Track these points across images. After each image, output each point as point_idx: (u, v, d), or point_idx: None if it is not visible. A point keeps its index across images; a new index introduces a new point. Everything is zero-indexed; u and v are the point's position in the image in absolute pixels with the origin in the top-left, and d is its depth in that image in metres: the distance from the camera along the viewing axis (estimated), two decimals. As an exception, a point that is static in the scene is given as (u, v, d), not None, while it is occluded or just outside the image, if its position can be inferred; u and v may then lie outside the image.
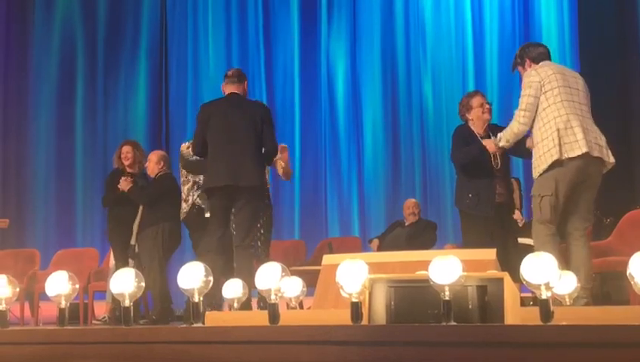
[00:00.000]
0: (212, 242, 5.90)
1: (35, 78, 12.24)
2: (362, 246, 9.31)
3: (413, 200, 8.73)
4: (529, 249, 5.53)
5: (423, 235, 8.34)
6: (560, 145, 4.99)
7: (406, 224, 8.48)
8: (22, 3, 12.40)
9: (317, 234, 11.15)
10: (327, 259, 4.25)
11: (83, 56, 12.37)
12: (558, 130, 5.02)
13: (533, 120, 5.18)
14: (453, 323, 2.67)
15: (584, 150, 5.00)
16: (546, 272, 2.68)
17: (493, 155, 5.88)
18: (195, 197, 6.85)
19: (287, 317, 3.08)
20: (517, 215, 7.18)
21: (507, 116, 10.53)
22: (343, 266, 2.94)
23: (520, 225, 7.09)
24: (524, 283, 2.73)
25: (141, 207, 7.24)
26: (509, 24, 11.37)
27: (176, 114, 12.18)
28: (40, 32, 12.31)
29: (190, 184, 6.93)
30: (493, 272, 3.09)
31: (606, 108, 10.04)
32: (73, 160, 12.23)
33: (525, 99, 5.15)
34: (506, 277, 2.88)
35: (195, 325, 3.07)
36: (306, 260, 8.77)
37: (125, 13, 12.52)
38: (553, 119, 5.06)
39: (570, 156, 5.00)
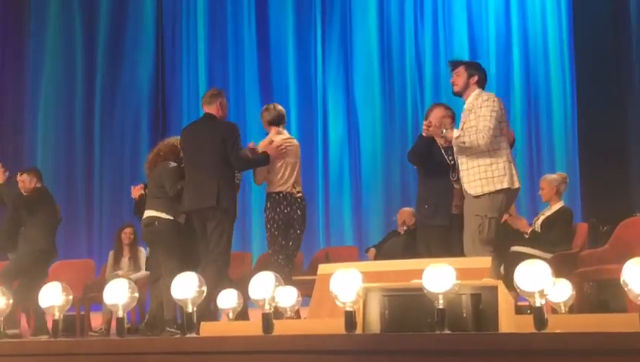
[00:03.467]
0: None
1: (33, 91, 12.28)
2: (359, 255, 9.29)
3: (408, 209, 8.70)
4: (524, 257, 5.53)
5: (416, 244, 8.30)
6: (511, 175, 5.39)
7: (401, 233, 8.45)
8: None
9: (314, 244, 11.14)
10: (323, 268, 4.24)
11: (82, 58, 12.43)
12: (509, 161, 5.42)
13: None
14: (447, 331, 2.67)
15: (517, 185, 5.46)
16: (539, 280, 2.68)
17: (452, 167, 5.90)
18: None
19: (281, 327, 3.07)
20: (522, 224, 7.12)
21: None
22: (336, 275, 2.94)
23: (527, 236, 7.03)
24: (518, 290, 2.72)
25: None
26: (505, 31, 11.38)
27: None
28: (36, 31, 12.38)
29: None
30: (488, 280, 3.09)
31: (601, 116, 10.11)
32: (73, 172, 12.25)
33: (494, 121, 5.39)
34: (501, 285, 2.87)
35: (188, 335, 3.06)
36: (302, 270, 8.74)
37: (125, 16, 12.58)
38: (505, 149, 5.44)
39: (515, 187, 5.43)
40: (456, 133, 5.49)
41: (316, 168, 11.82)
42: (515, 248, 6.61)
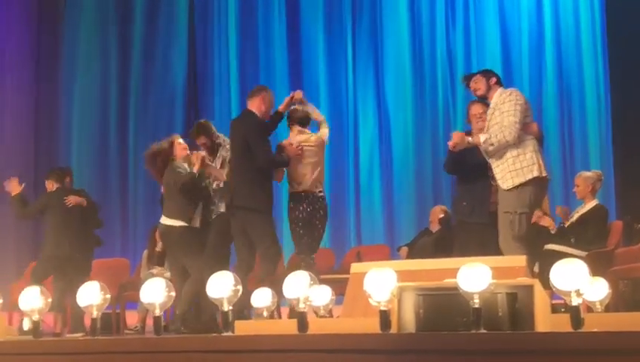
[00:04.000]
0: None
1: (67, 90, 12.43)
2: (391, 254, 9.27)
3: (439, 207, 8.66)
4: (558, 255, 5.50)
5: (452, 242, 8.27)
6: (540, 164, 5.39)
7: (433, 231, 8.42)
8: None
9: (345, 242, 11.13)
10: (356, 267, 4.25)
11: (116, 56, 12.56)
12: (535, 151, 5.42)
13: None
14: (483, 330, 2.66)
15: (545, 173, 5.48)
16: (576, 279, 2.67)
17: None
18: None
19: (315, 326, 3.08)
20: (548, 221, 7.10)
21: (537, 118, 10.51)
22: (371, 275, 2.94)
23: (552, 232, 7.01)
24: (554, 289, 2.71)
25: None
26: (537, 27, 11.29)
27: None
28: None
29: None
30: (523, 279, 3.08)
31: (636, 112, 9.99)
32: (107, 167, 12.36)
33: (519, 115, 5.43)
34: (537, 284, 2.86)
35: (224, 334, 3.09)
36: (334, 268, 8.75)
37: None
38: (531, 139, 5.46)
39: (543, 176, 5.44)
40: (482, 137, 5.53)
41: (347, 166, 11.81)
42: (550, 246, 6.57)
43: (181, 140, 6.66)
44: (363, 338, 2.76)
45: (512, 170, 5.40)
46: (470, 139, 5.63)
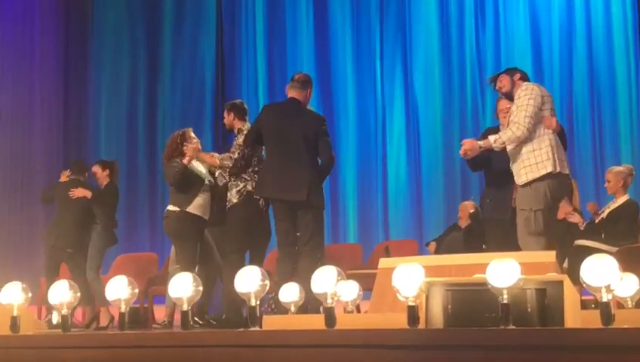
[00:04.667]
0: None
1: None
2: (419, 249, 9.25)
3: (468, 202, 8.63)
4: (588, 251, 5.45)
5: (481, 238, 8.24)
6: (554, 159, 5.29)
7: (462, 227, 8.39)
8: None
9: (373, 237, 11.11)
10: (384, 262, 4.24)
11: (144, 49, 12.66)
12: (552, 146, 5.32)
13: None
14: (512, 326, 2.64)
15: (567, 171, 5.42)
16: (606, 274, 2.64)
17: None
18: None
19: (343, 321, 3.08)
20: (577, 218, 7.04)
21: (563, 116, 10.41)
22: (399, 270, 2.93)
23: (581, 228, 6.95)
24: (584, 285, 2.68)
25: None
26: (568, 21, 11.19)
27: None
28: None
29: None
30: (553, 275, 3.05)
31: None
32: (135, 162, 12.45)
33: (531, 109, 5.34)
34: (566, 280, 2.83)
35: (252, 329, 3.09)
36: (362, 264, 8.74)
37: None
38: (548, 134, 5.37)
39: (563, 172, 5.34)
40: (492, 138, 5.50)
41: (375, 161, 11.79)
42: (580, 242, 6.52)
43: (193, 134, 6.85)
44: (391, 333, 2.75)
45: (526, 166, 5.34)
46: (482, 143, 5.58)
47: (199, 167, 6.86)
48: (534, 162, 5.32)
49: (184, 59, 12.70)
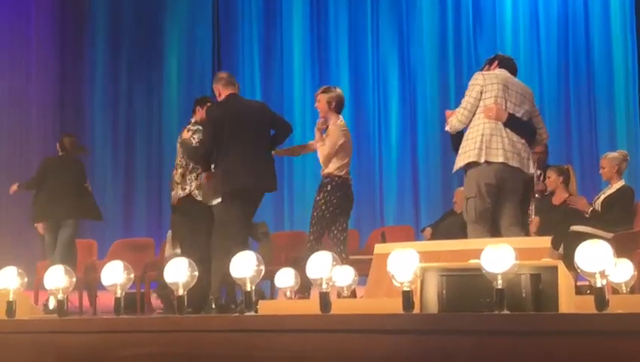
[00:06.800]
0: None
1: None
2: (415, 235, 9.27)
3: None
4: (584, 237, 5.46)
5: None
6: (480, 148, 5.25)
7: (458, 212, 8.39)
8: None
9: (370, 223, 11.13)
10: (379, 248, 4.26)
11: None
12: (482, 135, 5.28)
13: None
14: (506, 311, 2.65)
15: (501, 159, 5.27)
16: (601, 260, 2.64)
17: None
18: (192, 187, 6.76)
19: (338, 306, 3.08)
20: (583, 204, 7.00)
21: (560, 109, 10.40)
22: (394, 255, 2.94)
23: (587, 215, 6.91)
24: (579, 271, 2.69)
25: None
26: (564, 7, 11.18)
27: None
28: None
29: (185, 170, 6.82)
30: (547, 260, 3.06)
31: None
32: (133, 149, 12.45)
33: (466, 99, 5.43)
34: (561, 265, 2.84)
35: (247, 314, 3.10)
36: (359, 249, 8.75)
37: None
38: (485, 123, 5.32)
39: (491, 160, 5.27)
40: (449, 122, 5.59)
41: (372, 148, 11.79)
42: (575, 227, 6.52)
43: None
44: (386, 318, 2.75)
45: (460, 154, 5.40)
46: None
47: None
48: (463, 151, 5.37)
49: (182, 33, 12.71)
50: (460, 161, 5.37)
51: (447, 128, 5.65)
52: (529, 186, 5.69)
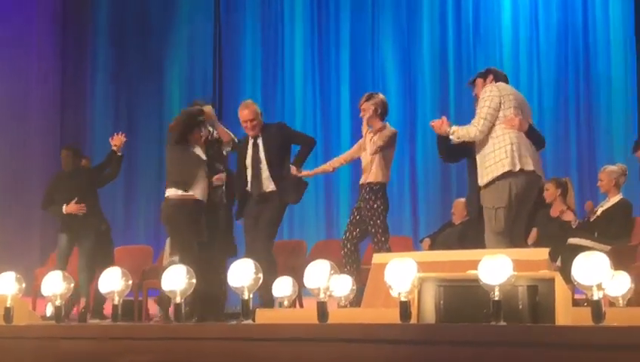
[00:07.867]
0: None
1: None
2: (414, 245, 9.25)
3: (463, 199, 8.64)
4: (581, 250, 5.47)
5: (476, 234, 8.23)
6: (513, 157, 5.27)
7: (456, 223, 8.39)
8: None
9: (369, 233, 11.11)
10: (377, 258, 4.25)
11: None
12: (512, 143, 5.30)
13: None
14: (503, 323, 2.65)
15: (532, 168, 5.33)
16: (597, 272, 2.65)
17: None
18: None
19: (336, 316, 3.09)
20: (569, 215, 7.07)
21: (559, 119, 10.40)
22: (391, 265, 2.94)
23: (574, 226, 6.97)
24: (576, 283, 2.69)
25: None
26: (564, 16, 11.19)
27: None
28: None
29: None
30: (545, 272, 3.06)
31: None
32: (133, 155, 12.45)
33: (486, 110, 5.41)
34: (558, 278, 2.85)
35: (244, 322, 3.10)
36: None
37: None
38: (509, 133, 5.35)
39: (525, 169, 5.30)
40: (453, 128, 5.57)
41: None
42: (573, 240, 6.53)
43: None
44: (384, 328, 2.76)
45: (487, 167, 5.37)
46: (448, 128, 5.64)
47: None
48: (493, 162, 5.34)
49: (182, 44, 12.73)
50: (493, 172, 5.32)
51: (454, 138, 5.60)
52: (540, 194, 5.71)
